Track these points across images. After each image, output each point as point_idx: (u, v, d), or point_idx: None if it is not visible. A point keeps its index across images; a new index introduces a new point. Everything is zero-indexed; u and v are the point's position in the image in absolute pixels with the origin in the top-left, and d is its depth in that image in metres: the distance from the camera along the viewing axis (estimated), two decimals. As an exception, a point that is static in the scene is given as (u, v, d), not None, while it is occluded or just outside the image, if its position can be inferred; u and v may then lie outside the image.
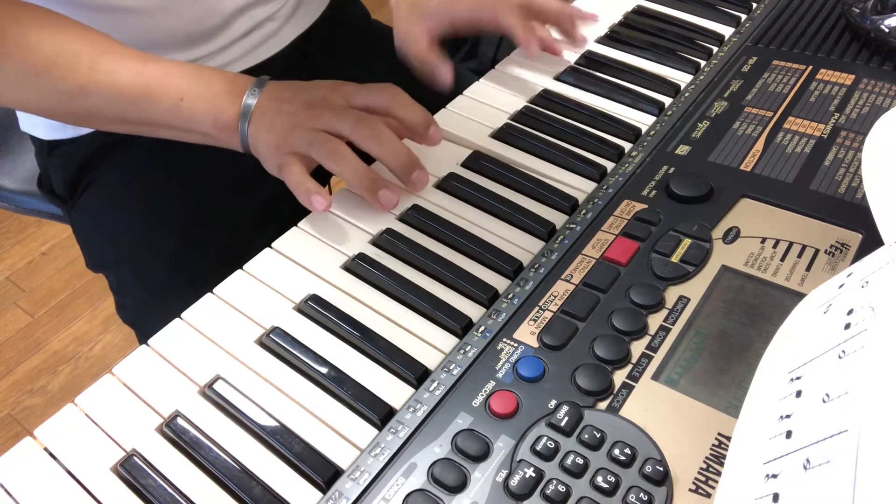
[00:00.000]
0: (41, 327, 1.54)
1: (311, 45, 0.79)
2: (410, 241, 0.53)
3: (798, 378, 0.33)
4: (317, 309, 0.48)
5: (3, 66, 0.55)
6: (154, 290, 0.70)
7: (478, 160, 0.59)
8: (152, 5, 0.65)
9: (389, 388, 0.44)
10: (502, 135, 0.62)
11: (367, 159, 0.55)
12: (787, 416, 0.32)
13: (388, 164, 0.54)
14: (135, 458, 0.41)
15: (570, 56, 0.70)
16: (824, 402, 0.30)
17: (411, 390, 0.44)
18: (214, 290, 0.50)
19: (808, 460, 0.29)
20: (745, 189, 0.53)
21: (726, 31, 0.72)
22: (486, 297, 0.48)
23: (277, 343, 0.46)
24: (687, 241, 0.50)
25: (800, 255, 0.48)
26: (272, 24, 0.74)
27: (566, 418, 0.40)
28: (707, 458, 0.38)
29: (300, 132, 0.54)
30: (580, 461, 0.38)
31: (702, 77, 0.66)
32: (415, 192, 0.55)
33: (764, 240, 0.50)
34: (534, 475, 0.38)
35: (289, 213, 0.71)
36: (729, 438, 0.39)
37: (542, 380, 0.43)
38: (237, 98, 0.56)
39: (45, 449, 0.42)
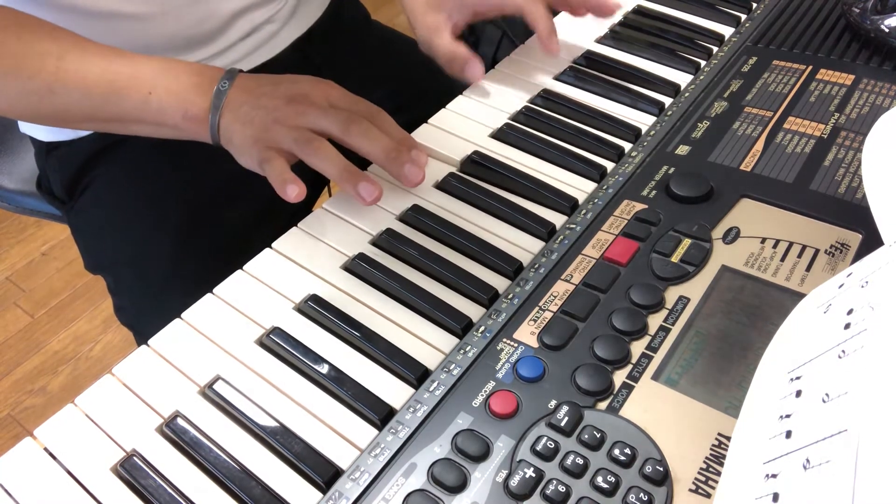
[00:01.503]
0: (41, 327, 1.54)
1: (311, 46, 0.79)
2: (410, 242, 0.53)
3: (798, 378, 0.33)
4: (317, 309, 0.48)
5: None
6: (152, 292, 0.70)
7: (478, 160, 0.59)
8: (150, 10, 0.64)
9: (389, 388, 0.44)
10: (502, 135, 0.62)
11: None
12: (787, 416, 0.32)
13: (377, 160, 0.54)
14: (135, 458, 0.41)
15: (570, 56, 0.71)
16: (824, 401, 0.30)
17: (411, 390, 0.44)
18: (214, 290, 0.50)
19: (807, 460, 0.29)
20: (745, 189, 0.53)
21: (726, 31, 0.72)
22: (486, 297, 0.48)
23: (277, 343, 0.47)
24: (687, 241, 0.50)
25: (800, 255, 0.48)
26: (271, 26, 0.74)
27: (566, 418, 0.40)
28: (707, 458, 0.38)
29: (283, 128, 0.53)
30: (580, 461, 0.38)
31: (702, 77, 0.66)
32: (410, 186, 0.55)
33: (764, 240, 0.50)
34: (534, 475, 0.38)
35: (289, 213, 0.71)
36: (729, 438, 0.39)
37: (542, 380, 0.43)
38: (207, 90, 0.55)
39: (45, 449, 0.42)
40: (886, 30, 0.63)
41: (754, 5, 0.75)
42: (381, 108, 0.57)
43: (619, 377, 0.42)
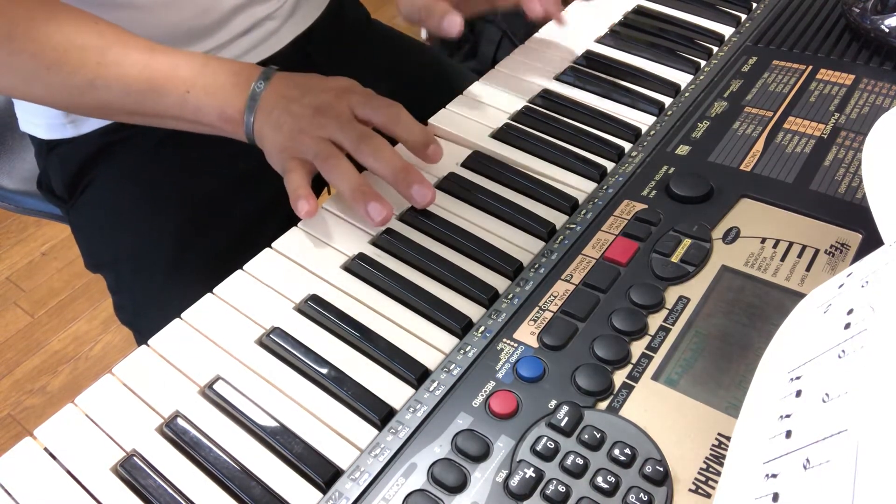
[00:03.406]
0: (41, 327, 1.54)
1: (311, 44, 0.79)
2: (410, 241, 0.53)
3: (798, 378, 0.33)
4: (317, 309, 0.48)
5: (16, 62, 0.55)
6: (152, 291, 0.70)
7: (478, 160, 0.59)
8: (151, 1, 0.65)
9: (389, 388, 0.44)
10: (502, 135, 0.62)
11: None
12: (787, 416, 0.32)
13: (386, 180, 0.54)
14: (135, 458, 0.41)
15: (571, 56, 0.71)
16: (824, 401, 0.30)
17: (411, 390, 0.44)
18: (214, 290, 0.50)
19: (807, 460, 0.29)
20: (745, 189, 0.53)
21: (726, 30, 0.72)
22: (486, 297, 0.48)
23: (277, 343, 0.47)
24: (687, 241, 0.50)
25: (800, 255, 0.48)
26: (272, 22, 0.74)
27: (566, 418, 0.40)
28: (707, 458, 0.38)
29: (306, 139, 0.54)
30: (580, 461, 0.38)
31: (702, 77, 0.66)
32: (418, 206, 0.55)
33: (764, 240, 0.50)
34: (534, 475, 0.38)
35: (289, 212, 0.71)
36: (729, 438, 0.39)
37: (542, 380, 0.43)
38: (243, 91, 0.56)
39: (45, 449, 0.42)
40: (886, 30, 0.63)
41: (754, 5, 0.75)
42: (401, 108, 0.57)
43: (619, 377, 0.42)
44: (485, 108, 0.65)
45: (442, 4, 0.64)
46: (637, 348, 0.44)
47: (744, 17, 0.73)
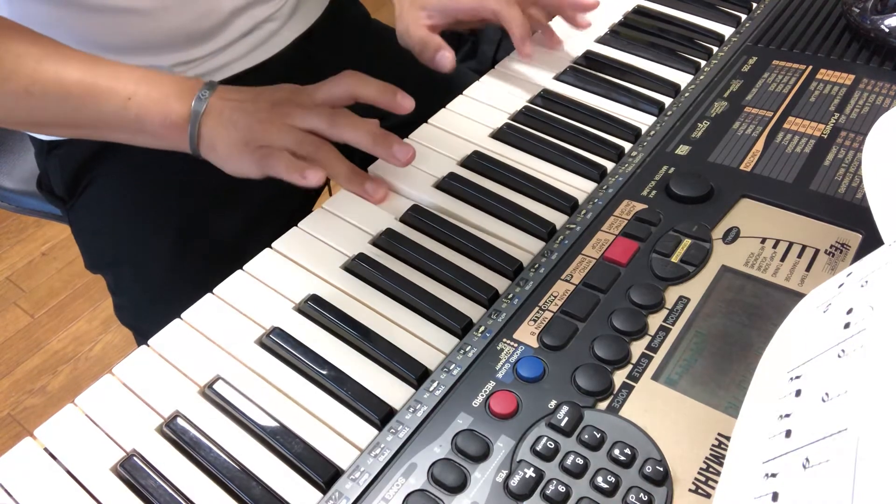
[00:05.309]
0: (41, 327, 1.54)
1: (312, 45, 0.79)
2: (410, 242, 0.53)
3: (797, 377, 0.33)
4: (317, 309, 0.48)
5: None
6: (152, 292, 0.70)
7: (478, 160, 0.59)
8: (151, 5, 0.65)
9: (389, 388, 0.44)
10: (502, 135, 0.62)
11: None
12: (787, 416, 0.32)
13: (366, 146, 0.55)
14: (135, 458, 0.41)
15: (570, 56, 0.71)
16: (824, 401, 0.30)
17: (411, 390, 0.44)
18: (214, 290, 0.50)
19: (807, 459, 0.29)
20: (745, 189, 0.53)
21: (726, 30, 0.72)
22: (486, 297, 0.48)
23: (277, 343, 0.47)
24: (687, 242, 0.50)
25: (800, 255, 0.48)
26: (272, 24, 0.74)
27: (566, 418, 0.40)
28: (707, 458, 0.38)
29: (271, 128, 0.53)
30: (580, 461, 0.38)
31: (702, 77, 0.66)
32: (402, 165, 0.55)
33: (764, 240, 0.50)
34: (534, 475, 0.38)
35: (288, 213, 0.71)
36: (729, 438, 0.39)
37: (542, 380, 0.43)
38: (187, 98, 0.55)
39: (45, 449, 0.42)
40: (886, 30, 0.63)
41: (754, 5, 0.75)
42: (355, 72, 0.57)
43: (619, 377, 0.42)
44: (485, 108, 0.65)
45: (436, 39, 0.66)
46: (637, 348, 0.44)
47: (744, 17, 0.73)
